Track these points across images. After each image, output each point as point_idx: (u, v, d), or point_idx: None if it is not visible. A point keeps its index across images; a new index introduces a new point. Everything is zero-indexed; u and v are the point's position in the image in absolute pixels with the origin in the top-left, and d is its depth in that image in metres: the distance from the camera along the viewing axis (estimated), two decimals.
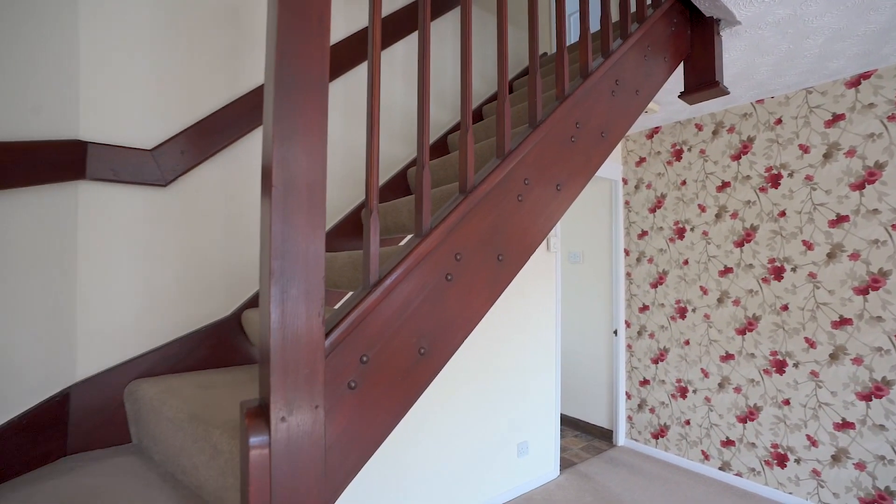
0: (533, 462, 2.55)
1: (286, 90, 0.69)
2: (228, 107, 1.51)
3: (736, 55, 1.95)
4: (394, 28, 2.03)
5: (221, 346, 1.50)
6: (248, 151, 1.58)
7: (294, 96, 0.69)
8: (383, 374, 0.85)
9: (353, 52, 1.87)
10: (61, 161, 1.20)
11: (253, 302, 1.57)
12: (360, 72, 1.91)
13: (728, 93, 1.74)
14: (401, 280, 0.86)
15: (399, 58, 2.06)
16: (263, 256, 0.69)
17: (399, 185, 2.02)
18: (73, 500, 0.98)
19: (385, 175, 2.00)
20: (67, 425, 1.24)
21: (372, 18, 0.86)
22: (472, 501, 2.24)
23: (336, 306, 1.67)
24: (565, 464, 2.83)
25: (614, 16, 2.76)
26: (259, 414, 0.69)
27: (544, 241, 2.65)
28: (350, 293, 1.61)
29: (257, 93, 1.59)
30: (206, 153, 1.45)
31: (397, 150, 2.04)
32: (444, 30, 2.29)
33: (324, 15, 0.71)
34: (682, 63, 1.85)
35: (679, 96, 1.83)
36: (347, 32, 1.89)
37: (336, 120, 1.83)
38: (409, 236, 1.73)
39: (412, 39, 2.11)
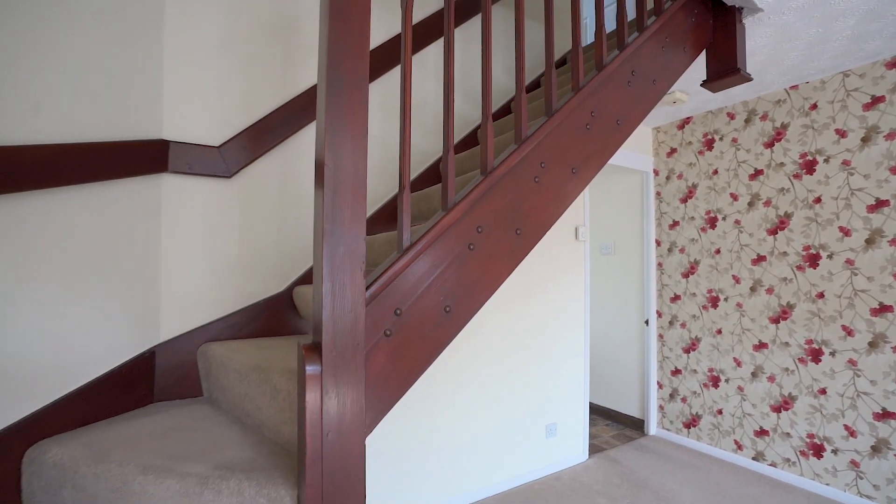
0: (561, 444, 2.63)
1: (335, 88, 0.85)
2: (281, 108, 1.72)
3: (762, 42, 1.96)
4: (426, 31, 2.19)
5: (275, 317, 1.71)
6: (298, 147, 1.79)
7: (341, 93, 0.86)
8: (414, 326, 1.00)
9: (389, 55, 2.05)
10: (150, 157, 1.44)
11: (303, 280, 1.77)
12: (397, 73, 2.08)
13: (751, 79, 1.77)
14: (428, 246, 1.01)
15: (431, 59, 2.22)
16: (317, 221, 0.86)
17: (432, 176, 2.18)
18: (162, 434, 1.20)
19: (420, 168, 2.16)
20: (154, 378, 1.48)
21: (404, 26, 1.02)
22: (499, 475, 2.36)
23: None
24: (595, 449, 2.89)
25: (632, 13, 2.79)
26: (313, 349, 0.86)
27: (573, 231, 2.73)
28: None
29: (304, 96, 1.79)
30: (263, 149, 1.67)
31: (430, 145, 2.20)
32: (475, 31, 2.43)
33: (364, 27, 0.87)
34: (704, 52, 1.89)
35: (702, 84, 1.88)
36: (384, 38, 2.06)
37: (376, 116, 2.01)
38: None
39: (442, 42, 2.26)
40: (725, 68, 1.80)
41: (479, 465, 2.28)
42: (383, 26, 2.07)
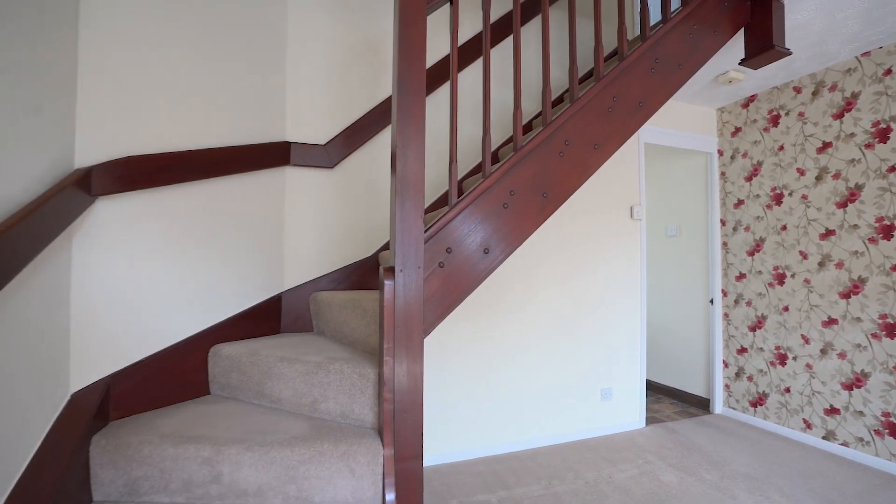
0: (616, 409, 2.81)
1: (402, 94, 1.26)
2: (368, 113, 2.21)
3: (809, 14, 2.00)
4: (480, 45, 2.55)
5: (364, 275, 2.20)
6: (381, 143, 2.26)
7: (407, 98, 1.26)
8: (461, 261, 1.38)
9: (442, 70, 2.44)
10: (278, 154, 2.00)
11: (385, 247, 2.24)
12: (462, 78, 2.47)
13: (788, 53, 1.86)
14: (470, 203, 1.38)
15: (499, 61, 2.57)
16: (393, 183, 1.28)
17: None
18: (290, 345, 1.72)
19: (478, 158, 2.53)
20: (280, 315, 2.04)
21: (452, 47, 1.40)
22: (555, 429, 2.63)
23: None
24: (654, 421, 3.00)
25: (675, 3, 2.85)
26: (390, 270, 1.28)
27: (628, 210, 2.90)
28: None
29: (384, 103, 2.26)
30: (356, 145, 2.17)
31: (499, 131, 2.55)
32: (529, 36, 2.72)
33: (421, 53, 1.27)
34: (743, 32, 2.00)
35: (740, 63, 1.99)
36: (439, 58, 2.47)
37: (443, 118, 2.42)
38: None
39: (500, 47, 2.60)
40: (763, 45, 1.90)
41: (536, 418, 2.58)
42: (442, 42, 2.47)
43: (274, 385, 1.52)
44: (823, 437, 2.53)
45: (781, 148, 2.76)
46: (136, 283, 1.48)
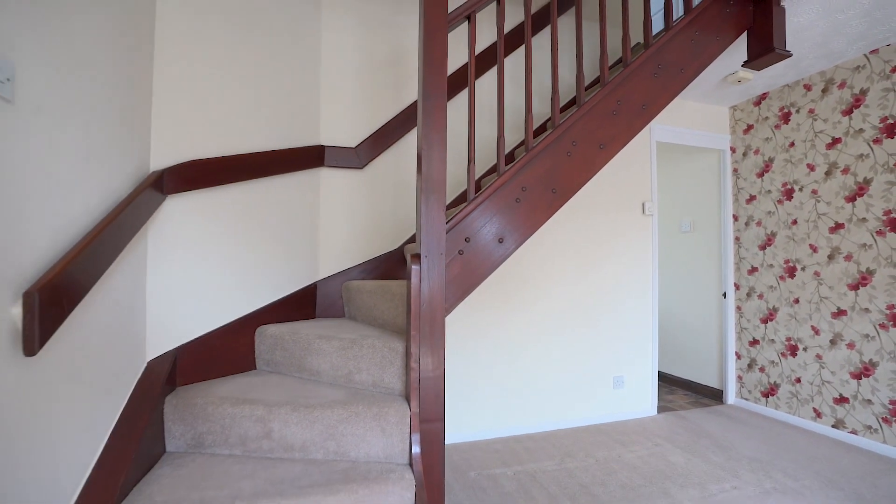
0: (629, 396, 2.94)
1: (427, 104, 1.45)
2: (395, 118, 2.41)
3: (811, 17, 2.10)
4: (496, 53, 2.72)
5: (391, 266, 2.40)
6: (407, 145, 2.46)
7: (430, 108, 1.45)
8: (478, 250, 1.56)
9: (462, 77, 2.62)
10: (314, 156, 2.21)
11: (410, 240, 2.43)
12: (480, 84, 2.65)
13: (789, 55, 1.97)
14: (486, 198, 1.56)
15: (514, 68, 2.74)
16: (418, 181, 1.46)
17: (507, 163, 2.70)
18: (325, 326, 1.93)
19: (495, 159, 2.70)
20: (315, 302, 2.25)
21: (470, 57, 1.58)
22: (570, 414, 2.78)
23: None
24: (666, 410, 3.11)
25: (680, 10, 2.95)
26: (416, 257, 1.47)
27: (640, 206, 3.01)
28: None
29: (410, 108, 2.45)
30: (383, 147, 2.37)
31: (514, 133, 2.72)
32: (546, 41, 2.87)
33: (443, 63, 1.45)
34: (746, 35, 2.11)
35: (743, 65, 2.10)
36: (457, 66, 2.64)
37: (463, 120, 2.60)
38: None
39: (515, 54, 2.76)
40: (765, 48, 2.01)
41: (551, 403, 2.73)
42: (460, 52, 2.65)
43: (313, 359, 1.74)
44: (833, 426, 2.59)
45: (792, 144, 2.83)
46: (196, 269, 1.71)
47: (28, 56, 0.92)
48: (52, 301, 0.93)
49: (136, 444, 1.29)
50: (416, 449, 1.40)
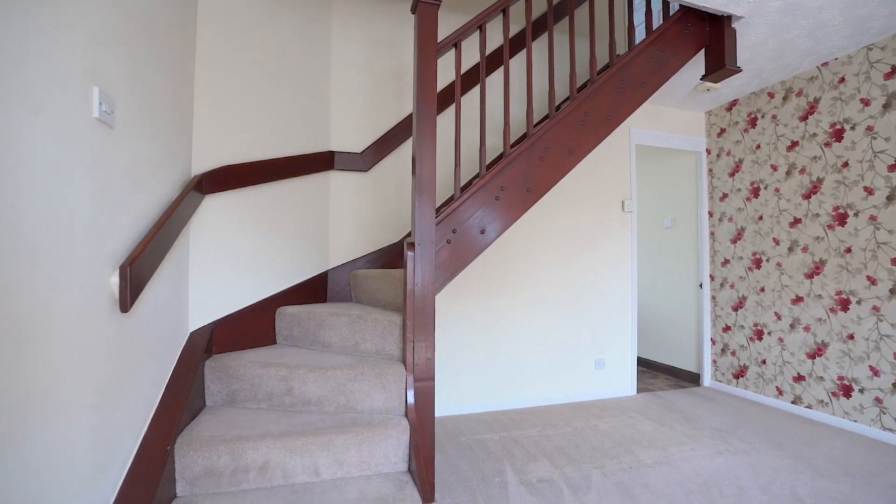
0: (609, 377, 3.23)
1: (419, 116, 1.76)
2: (395, 126, 2.72)
3: (761, 36, 2.38)
4: (494, 60, 3.02)
5: (394, 257, 2.71)
6: (406, 151, 2.77)
7: (422, 117, 1.76)
8: (463, 239, 1.86)
9: (453, 92, 2.93)
10: (325, 161, 2.53)
11: (409, 234, 2.75)
12: (468, 98, 2.95)
13: (739, 70, 2.25)
14: (470, 196, 1.87)
15: (496, 83, 3.04)
16: (413, 181, 1.77)
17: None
18: (336, 306, 2.25)
19: (488, 158, 3.00)
20: (327, 288, 2.57)
21: (457, 75, 1.89)
22: (554, 391, 3.07)
23: None
24: (646, 391, 3.39)
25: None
26: (411, 244, 1.78)
27: (619, 203, 3.30)
28: None
29: (408, 118, 2.76)
30: (385, 152, 2.69)
31: (496, 142, 3.02)
32: (542, 50, 3.17)
33: (433, 87, 1.76)
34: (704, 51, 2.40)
35: (701, 78, 2.39)
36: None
37: (451, 128, 2.90)
38: None
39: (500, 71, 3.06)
40: (718, 64, 2.30)
41: (536, 381, 3.03)
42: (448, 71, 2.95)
43: (326, 333, 2.05)
44: (792, 402, 2.87)
45: (758, 147, 3.10)
46: (227, 257, 2.04)
47: (120, 90, 1.24)
48: (137, 273, 1.26)
49: (185, 395, 1.62)
50: (410, 401, 1.71)
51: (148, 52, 1.42)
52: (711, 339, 3.47)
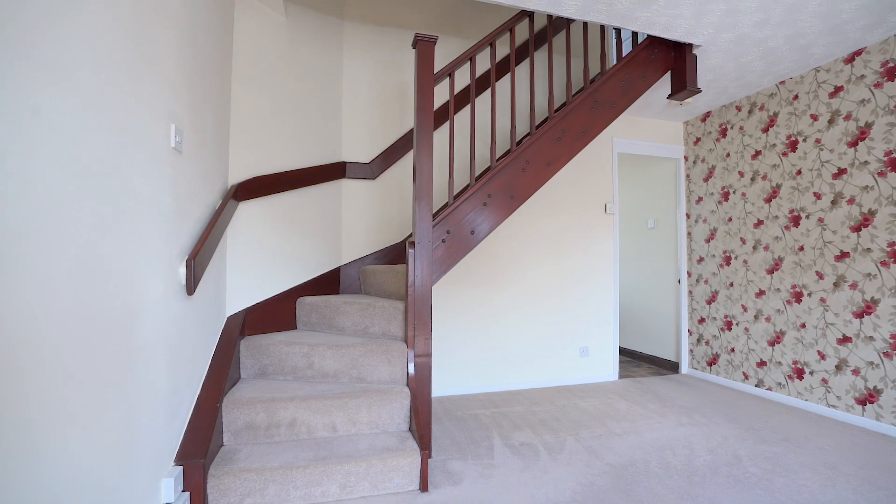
0: (593, 364, 3.56)
1: (419, 134, 2.11)
2: (399, 139, 3.08)
3: (720, 60, 2.70)
4: (483, 82, 3.36)
5: (398, 254, 3.07)
6: (409, 161, 3.13)
7: (421, 135, 2.11)
8: (456, 238, 2.21)
9: (456, 105, 3.27)
10: (337, 170, 2.89)
11: (411, 235, 3.10)
12: (463, 115, 3.30)
13: (699, 91, 2.58)
14: (462, 202, 2.21)
15: (488, 100, 3.39)
16: (414, 189, 2.12)
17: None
18: (348, 297, 2.61)
19: (478, 169, 3.35)
20: (339, 282, 2.94)
21: (451, 95, 2.24)
22: (541, 375, 3.41)
23: None
24: (627, 377, 3.72)
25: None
26: (412, 243, 2.13)
27: (602, 206, 3.63)
28: None
29: (411, 132, 3.11)
30: (391, 162, 3.04)
31: (486, 151, 3.37)
32: (524, 74, 3.51)
33: (430, 110, 2.11)
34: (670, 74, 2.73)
35: (668, 97, 2.72)
36: (442, 102, 3.30)
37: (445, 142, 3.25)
38: None
39: (500, 82, 3.41)
40: (679, 85, 2.63)
41: (525, 367, 3.37)
42: (444, 92, 3.30)
43: (340, 319, 2.41)
44: (756, 385, 3.19)
45: (728, 155, 3.42)
46: (256, 254, 2.40)
47: (184, 124, 1.60)
48: (198, 265, 1.62)
49: (227, 366, 1.98)
50: (412, 372, 2.07)
51: (200, 91, 1.78)
52: (689, 331, 3.80)
